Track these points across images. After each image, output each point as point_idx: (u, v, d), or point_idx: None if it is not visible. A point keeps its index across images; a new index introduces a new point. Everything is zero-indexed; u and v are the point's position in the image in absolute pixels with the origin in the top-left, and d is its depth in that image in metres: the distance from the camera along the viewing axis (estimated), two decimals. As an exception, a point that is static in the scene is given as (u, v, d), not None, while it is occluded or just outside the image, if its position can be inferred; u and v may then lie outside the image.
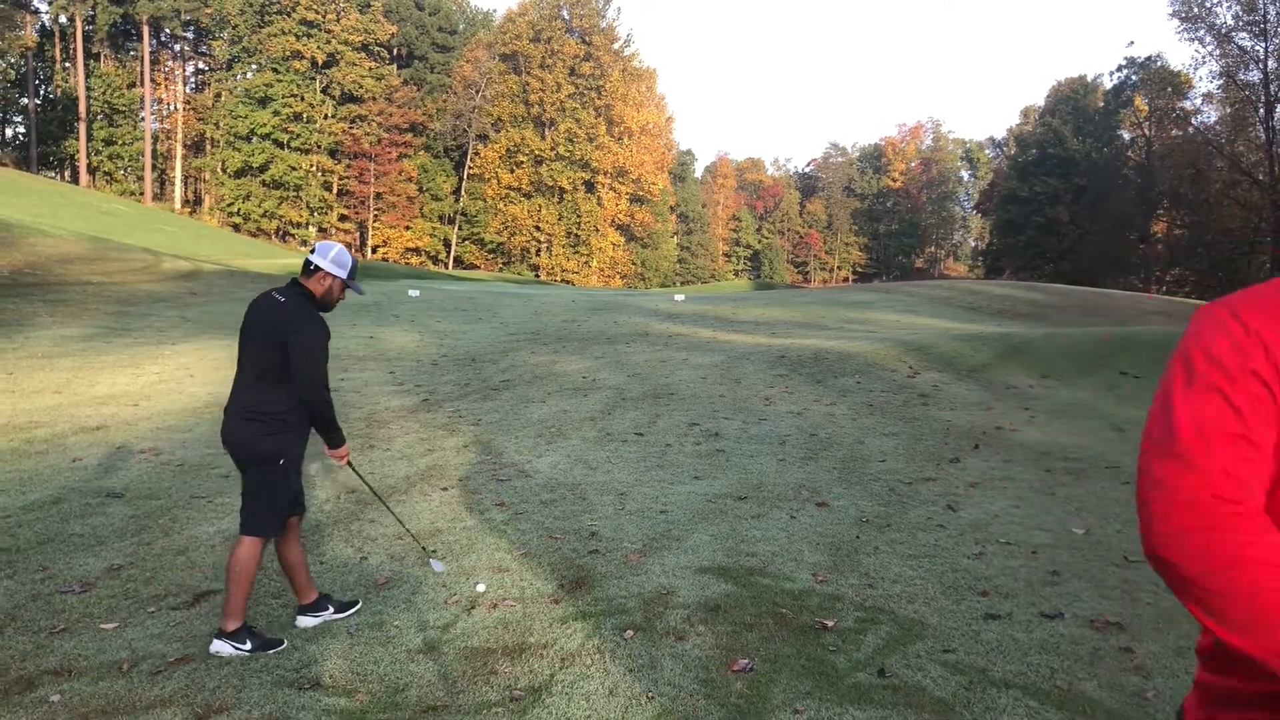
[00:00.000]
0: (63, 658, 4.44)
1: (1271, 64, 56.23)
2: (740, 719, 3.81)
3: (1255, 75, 57.52)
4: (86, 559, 5.75)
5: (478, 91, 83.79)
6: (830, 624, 4.75)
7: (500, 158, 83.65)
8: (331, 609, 4.96)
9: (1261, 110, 57.25)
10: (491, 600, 5.17)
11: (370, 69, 78.93)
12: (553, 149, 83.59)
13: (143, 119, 76.64)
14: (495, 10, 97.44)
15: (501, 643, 4.63)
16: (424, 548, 5.86)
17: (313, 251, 4.81)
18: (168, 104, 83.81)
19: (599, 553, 5.91)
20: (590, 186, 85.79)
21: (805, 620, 4.81)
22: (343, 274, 4.79)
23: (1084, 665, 4.25)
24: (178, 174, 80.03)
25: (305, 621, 4.88)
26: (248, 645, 4.51)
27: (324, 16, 75.13)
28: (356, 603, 5.10)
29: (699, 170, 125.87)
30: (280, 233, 77.25)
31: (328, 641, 4.65)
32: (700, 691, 4.05)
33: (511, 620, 4.90)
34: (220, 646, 4.50)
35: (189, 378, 12.03)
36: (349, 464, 5.07)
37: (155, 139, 78.43)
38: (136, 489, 7.24)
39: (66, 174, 77.04)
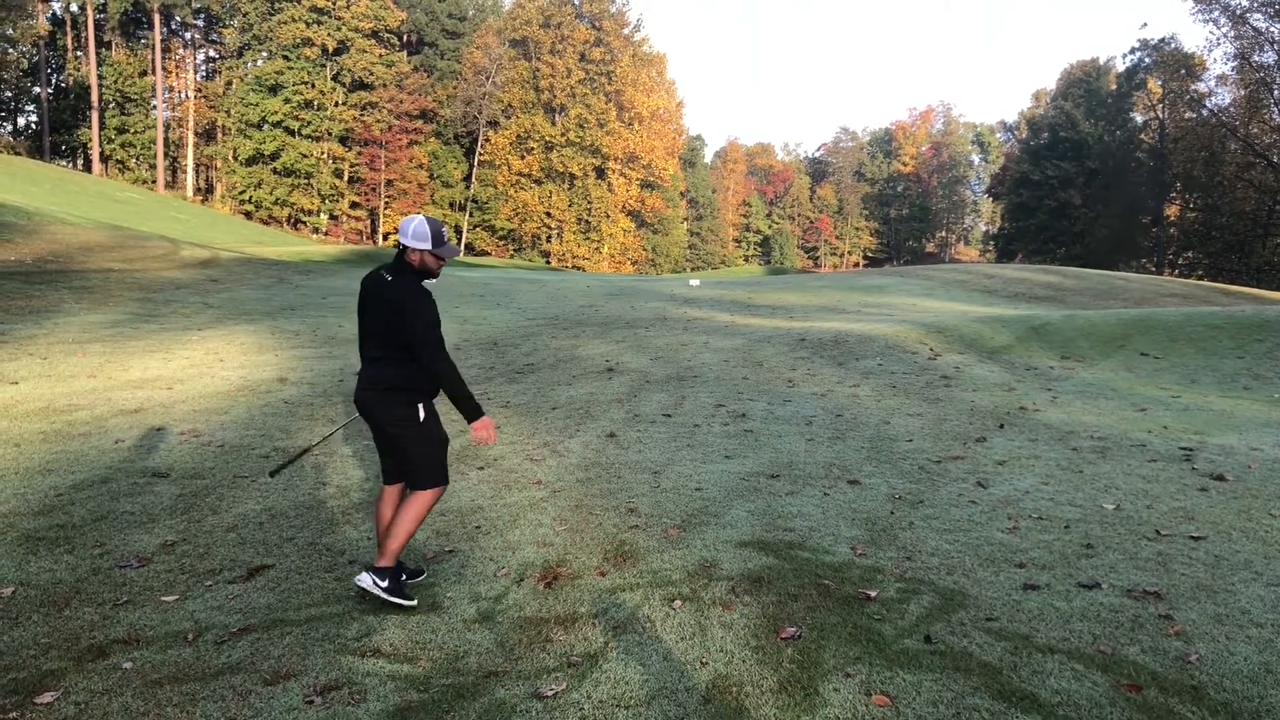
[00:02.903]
0: (129, 628, 4.59)
1: (1287, 45, 55.92)
2: (794, 682, 3.93)
3: (1270, 57, 57.31)
4: (140, 535, 5.89)
5: (488, 78, 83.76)
6: (873, 594, 4.86)
7: (511, 144, 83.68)
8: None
9: (1276, 92, 57.02)
10: (539, 572, 5.30)
11: (380, 56, 78.97)
12: (563, 135, 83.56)
13: (154, 107, 76.85)
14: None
15: (554, 612, 4.76)
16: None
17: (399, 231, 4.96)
18: (179, 92, 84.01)
19: (640, 528, 6.03)
20: (601, 172, 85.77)
21: (848, 591, 4.92)
22: (426, 245, 4.91)
23: (1125, 632, 4.36)
24: (189, 162, 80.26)
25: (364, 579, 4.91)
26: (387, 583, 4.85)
27: (334, 3, 75.12)
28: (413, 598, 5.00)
29: (709, 156, 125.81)
30: (292, 220, 77.45)
31: (385, 613, 4.78)
32: (753, 658, 4.17)
33: (561, 592, 5.03)
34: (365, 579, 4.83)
35: (219, 362, 12.18)
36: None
37: (167, 127, 78.64)
38: (181, 469, 7.38)
39: (79, 162, 77.28)
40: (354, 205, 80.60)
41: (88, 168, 73.90)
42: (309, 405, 9.85)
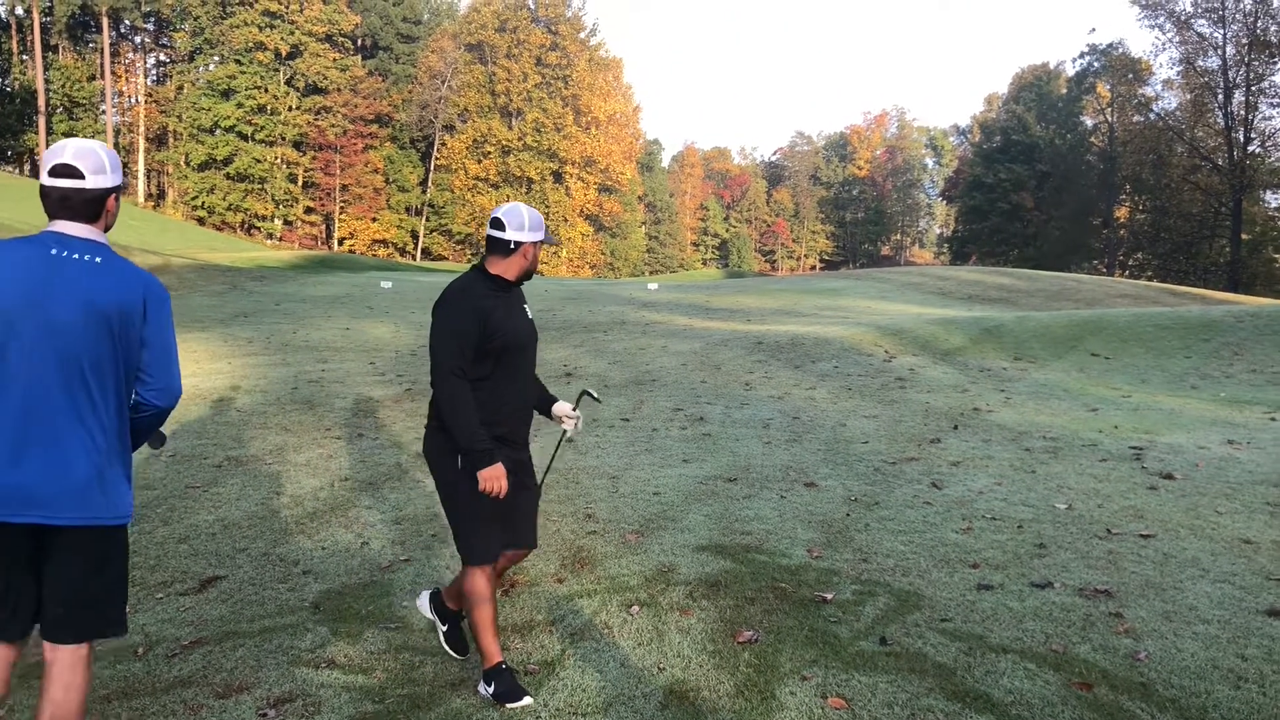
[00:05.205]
0: (77, 643, 4.49)
1: (1230, 50, 57.21)
2: (751, 686, 3.94)
3: (1214, 62, 58.52)
4: (89, 548, 5.78)
5: (443, 82, 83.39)
6: (829, 597, 4.89)
7: (467, 148, 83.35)
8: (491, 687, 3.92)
9: (1220, 96, 58.20)
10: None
11: (334, 60, 78.26)
12: (520, 139, 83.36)
13: (104, 112, 75.66)
14: (460, 0, 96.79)
15: (510, 620, 4.73)
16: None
17: (499, 227, 3.97)
18: (129, 97, 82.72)
19: (597, 533, 6.03)
20: (558, 176, 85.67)
21: (804, 594, 4.95)
22: (541, 234, 4.06)
23: (1077, 630, 4.42)
24: (140, 167, 79.03)
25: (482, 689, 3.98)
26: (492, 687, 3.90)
27: (287, 7, 74.42)
28: (525, 695, 3.90)
29: (666, 160, 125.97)
30: (246, 226, 76.55)
31: (337, 624, 4.73)
32: (709, 662, 4.17)
33: (518, 599, 5.01)
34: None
35: (170, 370, 11.99)
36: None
37: (117, 132, 77.40)
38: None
39: (26, 168, 75.84)
40: (309, 210, 79.86)
41: (35, 174, 72.49)
42: (262, 414, 9.73)
